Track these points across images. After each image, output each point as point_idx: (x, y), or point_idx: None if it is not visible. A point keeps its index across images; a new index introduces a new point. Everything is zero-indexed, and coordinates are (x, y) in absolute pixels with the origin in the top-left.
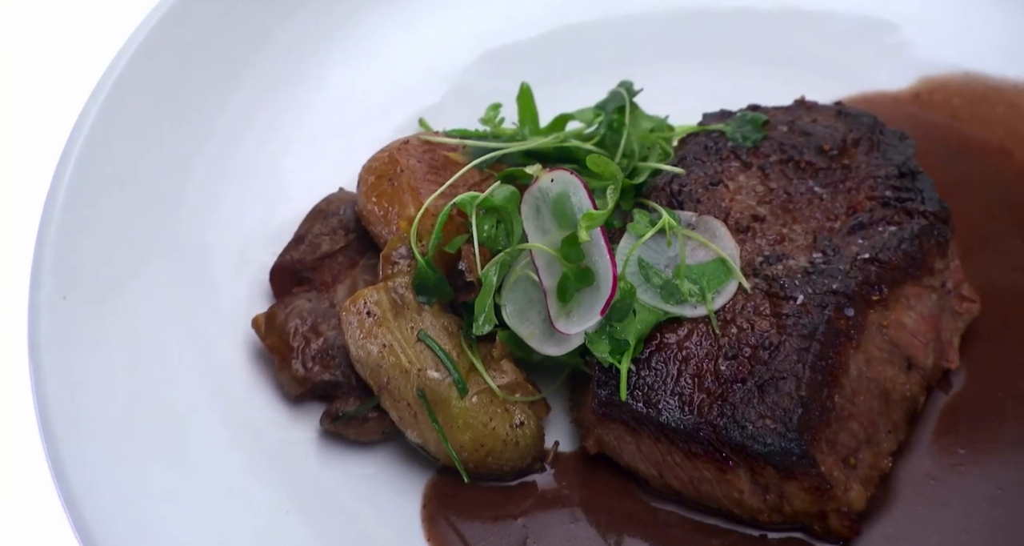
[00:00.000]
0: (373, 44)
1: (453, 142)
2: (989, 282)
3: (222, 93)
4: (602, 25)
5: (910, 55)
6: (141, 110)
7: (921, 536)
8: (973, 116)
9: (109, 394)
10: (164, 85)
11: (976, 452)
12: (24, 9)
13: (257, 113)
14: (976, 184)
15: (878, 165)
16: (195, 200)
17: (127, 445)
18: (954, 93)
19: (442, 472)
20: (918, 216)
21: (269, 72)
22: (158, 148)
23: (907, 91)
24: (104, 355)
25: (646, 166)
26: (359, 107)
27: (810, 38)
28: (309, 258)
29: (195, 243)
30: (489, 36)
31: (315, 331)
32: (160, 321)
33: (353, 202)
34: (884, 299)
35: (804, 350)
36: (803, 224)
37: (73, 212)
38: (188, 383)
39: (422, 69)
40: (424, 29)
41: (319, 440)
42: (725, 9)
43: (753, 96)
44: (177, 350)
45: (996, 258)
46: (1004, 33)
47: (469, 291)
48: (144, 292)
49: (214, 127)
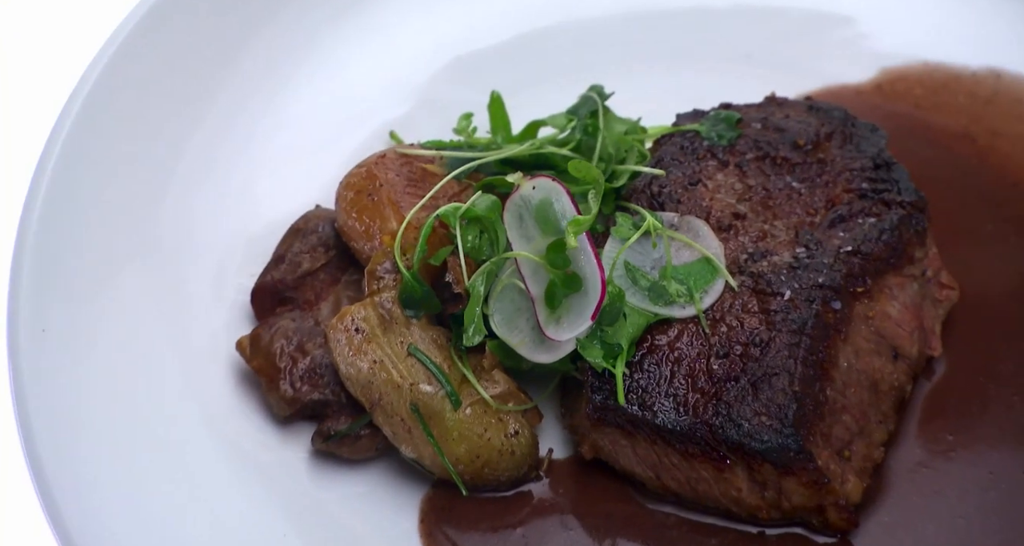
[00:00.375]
0: (336, 60)
1: (430, 154)
2: (963, 268)
3: (187, 120)
4: (564, 29)
5: (869, 47)
6: (104, 140)
7: (917, 525)
8: (935, 105)
9: (96, 428)
10: (127, 114)
11: (965, 437)
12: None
13: (224, 136)
14: (943, 171)
15: (853, 158)
16: (168, 228)
17: (117, 478)
18: (915, 83)
19: (437, 486)
20: (896, 206)
21: (233, 95)
22: (125, 179)
23: (870, 83)
24: (87, 387)
25: (625, 169)
26: (327, 123)
27: (769, 35)
28: (290, 277)
29: (170, 270)
30: (453, 45)
31: (301, 350)
32: (141, 351)
33: (331, 219)
34: (868, 290)
35: (795, 345)
36: (784, 220)
37: (45, 248)
38: (174, 412)
39: (387, 82)
40: (386, 42)
41: (311, 460)
42: (682, 9)
43: (719, 94)
44: (161, 379)
45: (968, 243)
46: (959, 23)
47: (456, 302)
48: (123, 322)
49: (180, 154)
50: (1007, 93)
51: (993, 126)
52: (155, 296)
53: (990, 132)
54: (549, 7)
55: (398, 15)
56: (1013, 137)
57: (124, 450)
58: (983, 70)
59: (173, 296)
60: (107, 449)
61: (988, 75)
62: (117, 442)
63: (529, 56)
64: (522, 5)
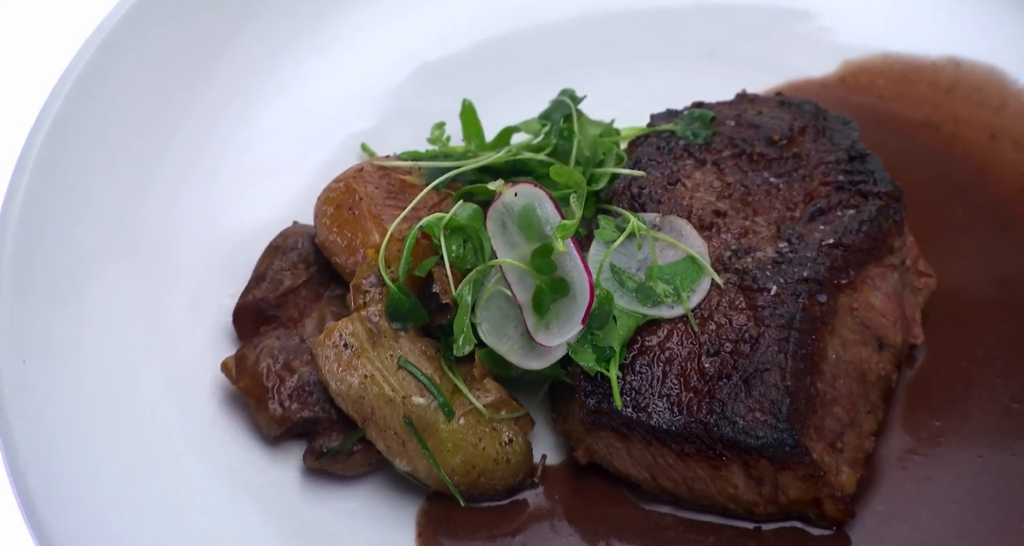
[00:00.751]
0: (300, 76)
1: (407, 165)
2: (936, 254)
3: (153, 145)
4: (527, 34)
5: (830, 41)
6: (69, 169)
7: (912, 512)
8: (898, 95)
9: (83, 457)
10: (94, 138)
11: (951, 422)
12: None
13: (192, 157)
14: (910, 160)
15: (827, 151)
16: (142, 254)
17: (106, 505)
18: (877, 74)
19: (432, 498)
20: (873, 197)
21: (199, 117)
22: (95, 206)
23: (833, 76)
24: (72, 417)
25: (604, 172)
26: (295, 139)
27: (731, 32)
28: (272, 296)
29: (147, 295)
30: (417, 53)
31: (288, 369)
32: (123, 378)
33: (310, 234)
34: (852, 282)
35: (784, 340)
36: (764, 215)
37: (20, 280)
38: (162, 437)
39: (353, 94)
40: (349, 55)
41: (303, 478)
42: (643, 9)
43: (686, 93)
44: (145, 405)
45: (940, 230)
46: (916, 13)
47: (443, 313)
48: (103, 351)
49: (149, 181)
50: (967, 81)
51: (955, 114)
52: (134, 321)
53: (953, 120)
54: (511, 12)
55: (359, 26)
56: (975, 124)
57: (112, 478)
58: (942, 59)
59: (152, 320)
60: (95, 477)
61: (948, 64)
62: (104, 471)
63: (494, 62)
64: (484, 11)
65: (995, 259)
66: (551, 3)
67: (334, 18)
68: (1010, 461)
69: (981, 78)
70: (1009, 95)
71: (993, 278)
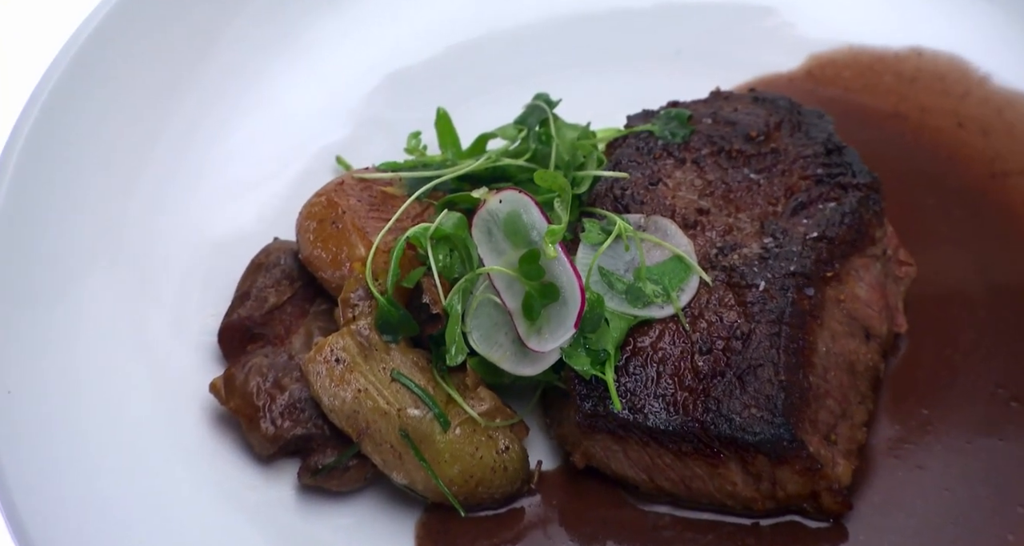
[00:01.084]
0: (268, 92)
1: (388, 176)
2: (913, 243)
3: (128, 167)
4: (493, 40)
5: (795, 35)
6: (39, 196)
7: (906, 501)
8: (864, 87)
9: (73, 487)
10: (67, 160)
11: (939, 409)
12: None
13: (172, 176)
14: (881, 150)
15: (804, 145)
16: (121, 277)
17: (100, 534)
18: (843, 67)
19: (430, 510)
20: (852, 189)
21: (172, 136)
22: (69, 228)
23: (800, 70)
24: (61, 443)
25: (587, 174)
26: (266, 155)
27: (695, 30)
28: (258, 314)
29: (128, 319)
30: (383, 64)
31: (278, 386)
32: (111, 405)
33: (292, 250)
34: (837, 274)
35: (775, 335)
36: (747, 211)
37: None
38: (153, 461)
39: (321, 108)
40: (314, 68)
41: (298, 496)
42: (607, 10)
43: (656, 92)
44: (135, 431)
45: (916, 219)
46: (877, 4)
47: (433, 324)
48: (88, 378)
49: (125, 206)
50: (929, 70)
51: (921, 103)
52: (116, 347)
53: (919, 109)
54: (475, 19)
55: (325, 39)
56: (941, 112)
57: (103, 504)
58: (905, 49)
59: (135, 344)
60: (87, 503)
61: (910, 54)
62: (96, 496)
63: (462, 69)
64: (447, 18)
65: (971, 245)
66: (514, 9)
67: (301, 32)
68: (998, 445)
69: (944, 67)
70: (972, 83)
71: (970, 264)
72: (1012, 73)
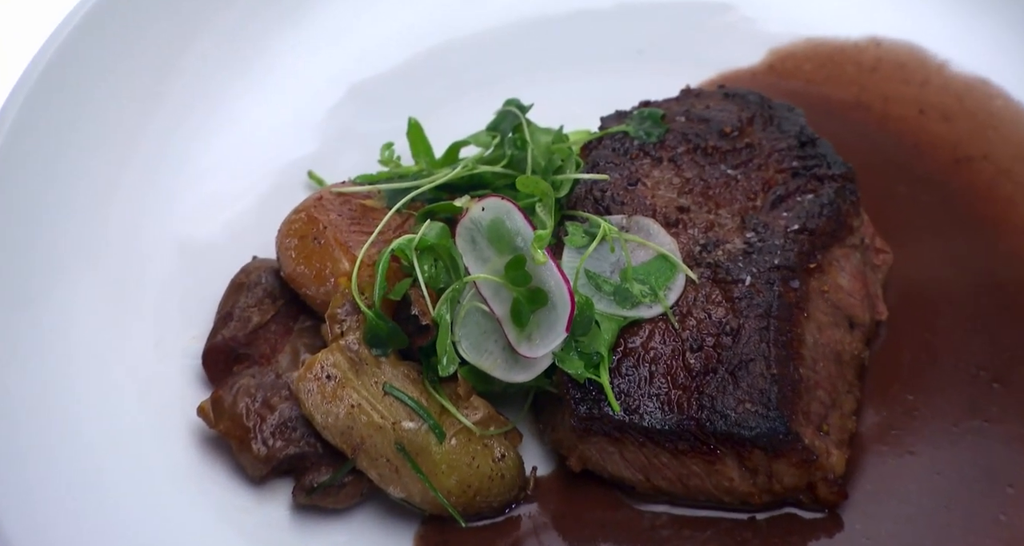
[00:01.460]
0: (232, 111)
1: (366, 189)
2: (889, 231)
3: (96, 191)
4: (455, 47)
5: (754, 30)
6: (10, 216)
7: (899, 487)
8: (826, 78)
9: (63, 514)
10: (37, 179)
11: (923, 394)
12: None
13: (141, 197)
14: (847, 141)
15: (778, 138)
16: (100, 300)
17: None
18: (803, 60)
19: (427, 522)
20: (828, 180)
21: (146, 154)
22: (47, 250)
23: (762, 65)
24: (51, 472)
25: (567, 178)
26: (238, 172)
27: (655, 29)
28: (242, 334)
29: (108, 344)
30: (346, 74)
31: (268, 406)
32: (98, 433)
33: (273, 268)
34: (820, 265)
35: (764, 329)
36: (727, 207)
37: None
38: (144, 488)
39: (287, 122)
40: (277, 84)
41: (292, 516)
42: (567, 13)
43: (623, 93)
44: (123, 461)
45: (887, 207)
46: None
47: (421, 335)
48: (74, 402)
49: (99, 229)
50: (889, 59)
51: (882, 92)
52: (98, 377)
53: (881, 98)
54: (436, 27)
55: (287, 53)
56: (903, 100)
57: (93, 536)
58: (864, 39)
59: (116, 369)
60: (78, 531)
61: (869, 44)
62: (86, 526)
63: (426, 77)
64: (407, 28)
65: (942, 230)
66: (474, 15)
67: (263, 50)
68: (984, 427)
69: (903, 55)
70: (931, 70)
71: (942, 250)
72: (969, 59)
